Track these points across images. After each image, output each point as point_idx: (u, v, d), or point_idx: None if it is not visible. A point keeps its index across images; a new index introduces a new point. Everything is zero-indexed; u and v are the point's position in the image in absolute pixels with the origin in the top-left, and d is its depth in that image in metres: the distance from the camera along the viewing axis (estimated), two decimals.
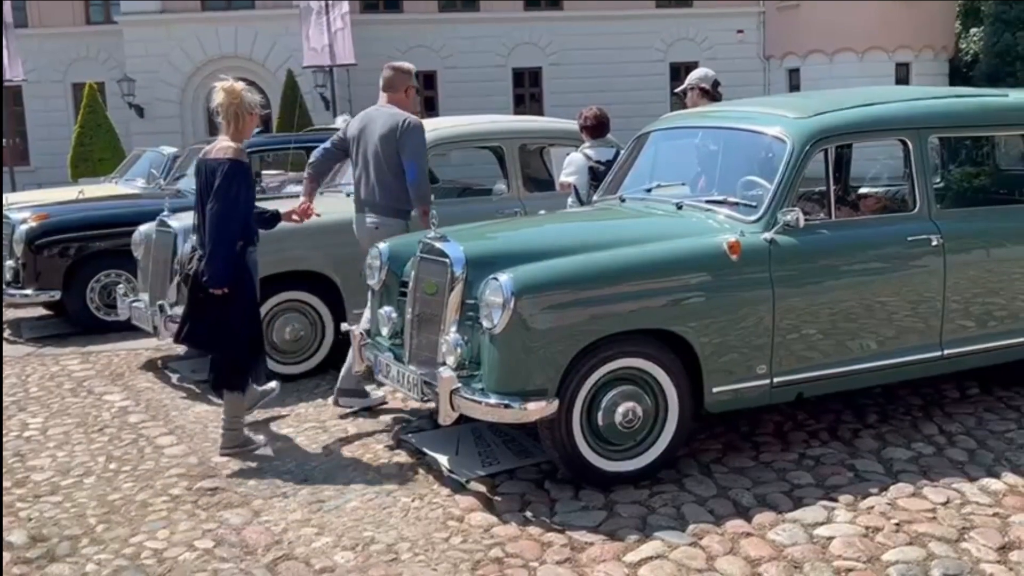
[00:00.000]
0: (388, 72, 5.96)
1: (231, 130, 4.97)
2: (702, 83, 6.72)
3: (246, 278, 4.96)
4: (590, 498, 4.22)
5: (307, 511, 4.25)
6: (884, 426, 5.03)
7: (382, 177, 5.76)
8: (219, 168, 4.85)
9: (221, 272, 4.84)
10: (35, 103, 27.35)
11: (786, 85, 28.11)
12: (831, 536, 3.78)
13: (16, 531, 4.14)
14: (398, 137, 5.67)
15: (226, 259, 4.84)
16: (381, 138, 5.72)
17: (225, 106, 4.92)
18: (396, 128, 5.68)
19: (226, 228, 4.83)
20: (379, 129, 5.75)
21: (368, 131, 5.81)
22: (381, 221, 5.76)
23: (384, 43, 27.17)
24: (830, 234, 4.75)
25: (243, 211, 4.91)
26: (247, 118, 4.97)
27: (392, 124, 5.71)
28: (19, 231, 8.42)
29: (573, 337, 4.14)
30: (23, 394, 6.45)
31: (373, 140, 5.76)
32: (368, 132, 5.81)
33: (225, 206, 4.83)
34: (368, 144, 5.79)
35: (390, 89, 5.92)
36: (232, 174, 4.84)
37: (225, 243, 4.83)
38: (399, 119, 5.72)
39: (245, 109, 4.94)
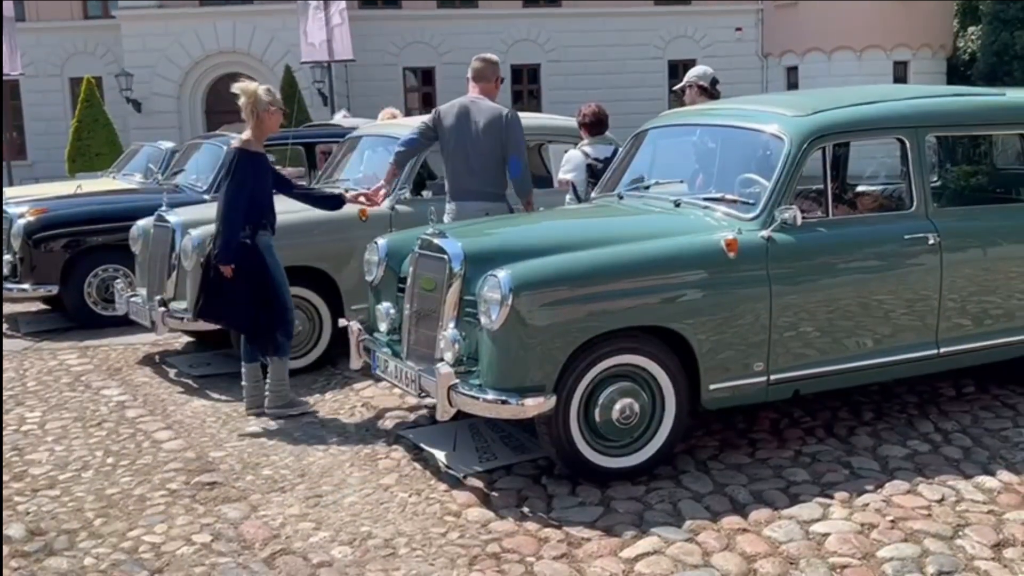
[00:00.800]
0: (478, 63, 6.21)
1: (251, 126, 5.43)
2: (700, 81, 6.73)
3: (255, 258, 5.35)
4: (587, 494, 4.23)
5: (305, 506, 4.26)
6: (880, 423, 5.05)
7: (486, 164, 5.98)
8: (230, 157, 5.39)
9: (226, 252, 5.29)
10: (32, 97, 27.34)
11: (784, 83, 28.13)
12: (827, 532, 3.80)
13: (14, 525, 4.14)
14: (502, 130, 5.94)
15: (230, 240, 5.29)
16: (485, 129, 5.95)
17: (243, 105, 5.38)
18: (500, 120, 5.96)
19: (231, 212, 5.28)
20: (481, 120, 5.99)
21: (467, 121, 6.01)
22: (491, 206, 5.96)
23: (382, 39, 27.24)
24: (827, 232, 4.76)
25: (249, 197, 5.31)
26: (264, 115, 5.40)
27: (495, 116, 5.98)
28: (17, 225, 8.41)
29: (571, 334, 4.15)
30: (21, 388, 6.45)
31: (475, 130, 5.97)
32: (467, 122, 6.00)
33: (231, 192, 5.30)
34: (469, 134, 5.99)
35: (482, 79, 6.16)
36: (239, 163, 5.32)
37: (230, 225, 5.28)
38: (501, 112, 6.01)
39: (261, 107, 5.39)
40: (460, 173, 6.05)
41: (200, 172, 9.11)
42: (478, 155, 5.98)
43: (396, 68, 28.26)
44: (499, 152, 5.97)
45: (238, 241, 5.29)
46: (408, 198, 6.90)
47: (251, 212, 5.31)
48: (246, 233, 5.31)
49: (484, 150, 5.97)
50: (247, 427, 5.42)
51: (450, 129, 6.05)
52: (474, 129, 5.98)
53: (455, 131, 6.02)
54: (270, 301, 5.42)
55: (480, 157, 5.98)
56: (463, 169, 6.02)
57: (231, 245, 5.27)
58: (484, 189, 5.95)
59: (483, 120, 5.97)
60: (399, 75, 28.44)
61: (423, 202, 6.66)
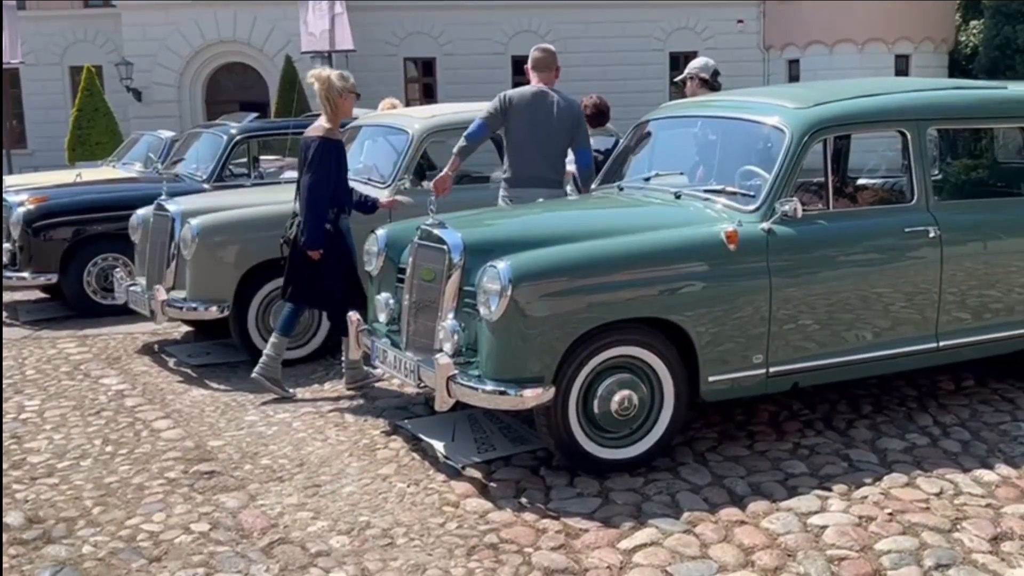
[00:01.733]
0: (539, 53, 6.30)
1: (327, 112, 5.57)
2: (701, 72, 6.72)
3: (338, 241, 5.63)
4: (585, 485, 4.23)
5: (303, 495, 4.27)
6: (879, 416, 5.05)
7: (553, 152, 6.09)
8: (312, 145, 5.52)
9: (313, 237, 5.49)
10: (32, 86, 27.27)
11: (786, 76, 28.06)
12: (825, 525, 3.80)
13: (12, 513, 4.14)
14: (575, 120, 6.11)
15: (317, 225, 5.49)
16: (558, 118, 6.06)
17: (318, 93, 5.53)
18: (574, 112, 6.15)
19: (317, 197, 5.49)
20: (553, 110, 6.08)
21: (539, 110, 6.09)
22: (552, 193, 6.04)
23: (383, 29, 27.16)
24: (828, 225, 4.75)
25: (333, 182, 5.54)
26: (339, 101, 5.56)
27: (568, 106, 6.14)
28: (16, 214, 8.41)
29: (570, 325, 4.14)
30: (20, 377, 6.45)
31: (545, 120, 6.07)
32: (540, 111, 6.08)
33: (316, 178, 5.49)
34: (542, 123, 6.08)
35: (545, 69, 6.25)
36: (323, 150, 5.50)
37: (316, 211, 5.49)
38: (574, 104, 6.19)
39: (336, 93, 5.53)
40: (531, 161, 6.11)
41: (200, 161, 9.11)
42: (551, 143, 6.10)
43: (396, 58, 28.18)
44: (567, 142, 6.12)
45: (324, 227, 5.49)
46: (408, 188, 6.88)
47: (335, 197, 5.55)
48: (330, 218, 5.54)
49: (556, 139, 6.11)
50: (246, 416, 5.42)
51: (521, 117, 6.13)
52: (547, 118, 6.09)
53: (527, 119, 6.11)
54: (353, 282, 5.64)
55: (552, 145, 6.11)
56: (535, 156, 6.10)
57: (319, 231, 5.47)
58: (550, 176, 6.01)
59: (556, 110, 6.09)
60: (399, 65, 28.36)
61: (423, 192, 6.64)
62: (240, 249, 6.41)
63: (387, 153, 7.19)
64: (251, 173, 9.13)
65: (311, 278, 5.60)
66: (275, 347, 5.75)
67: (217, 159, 8.80)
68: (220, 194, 7.68)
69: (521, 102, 6.16)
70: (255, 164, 9.36)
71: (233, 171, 9.07)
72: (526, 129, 6.09)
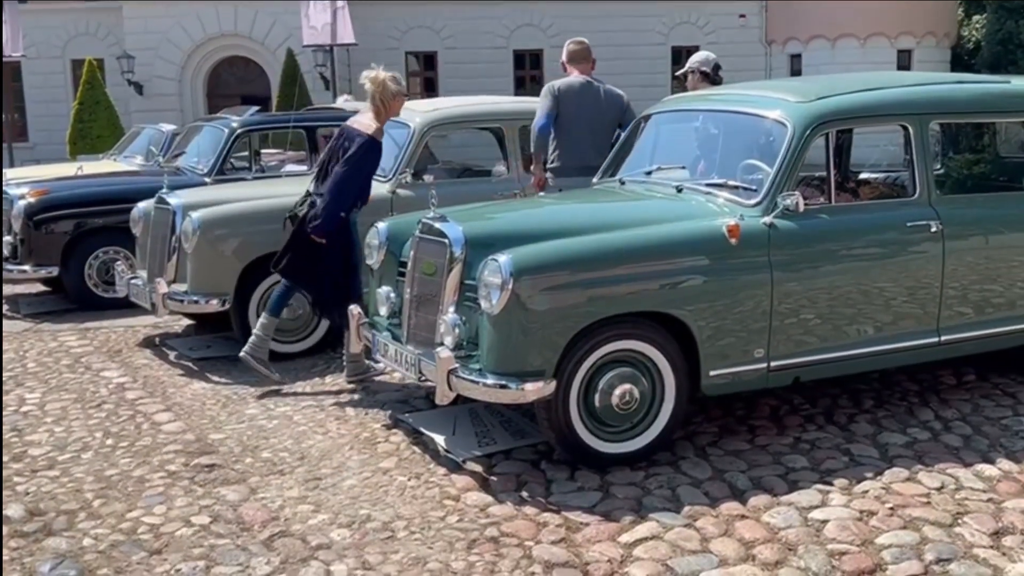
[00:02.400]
0: (575, 46, 6.51)
1: (377, 112, 5.62)
2: (703, 66, 6.71)
3: (346, 233, 5.69)
4: (586, 479, 4.23)
5: (304, 488, 4.27)
6: (880, 411, 5.04)
7: (604, 140, 6.29)
8: (357, 138, 5.57)
9: (327, 224, 5.53)
10: (34, 79, 27.23)
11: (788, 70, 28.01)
12: (825, 519, 3.80)
13: (13, 505, 4.15)
14: (622, 111, 6.40)
15: (334, 215, 5.54)
16: (607, 108, 6.34)
17: (370, 93, 5.58)
18: (621, 102, 6.46)
19: (345, 190, 5.55)
20: (603, 100, 6.40)
21: (589, 100, 6.34)
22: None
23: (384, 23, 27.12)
24: (829, 219, 4.74)
25: (364, 180, 5.64)
26: (392, 103, 5.64)
27: (616, 97, 6.46)
28: (18, 207, 8.40)
29: (571, 318, 4.14)
30: (21, 369, 6.45)
31: (597, 109, 6.33)
32: (590, 101, 6.34)
33: (352, 172, 5.54)
34: (593, 113, 6.31)
35: (582, 60, 6.50)
36: (367, 148, 5.56)
37: (341, 201, 5.55)
38: (621, 95, 6.49)
39: (389, 96, 5.60)
40: (583, 150, 6.25)
41: (201, 155, 9.09)
42: (602, 133, 6.31)
43: (398, 52, 28.11)
44: (614, 129, 6.35)
45: (340, 216, 5.56)
46: (409, 182, 6.88)
47: (360, 192, 5.65)
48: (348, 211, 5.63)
49: (606, 129, 6.32)
50: (247, 410, 5.42)
51: (572, 107, 6.32)
52: (597, 108, 6.32)
53: (579, 109, 6.31)
54: (351, 272, 5.69)
55: (603, 135, 6.31)
56: (587, 146, 6.25)
57: (335, 220, 5.53)
58: (599, 165, 6.01)
59: (605, 100, 6.35)
60: (401, 59, 28.29)
61: (424, 186, 6.64)
62: (241, 242, 6.40)
63: (388, 147, 7.16)
64: (252, 167, 9.11)
65: (308, 257, 5.66)
66: (264, 328, 5.83)
67: (218, 153, 8.78)
68: (221, 187, 7.67)
69: (570, 92, 6.35)
70: (256, 158, 9.35)
71: (234, 164, 9.06)
72: (578, 118, 6.29)
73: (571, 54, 6.51)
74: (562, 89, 6.37)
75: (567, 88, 6.37)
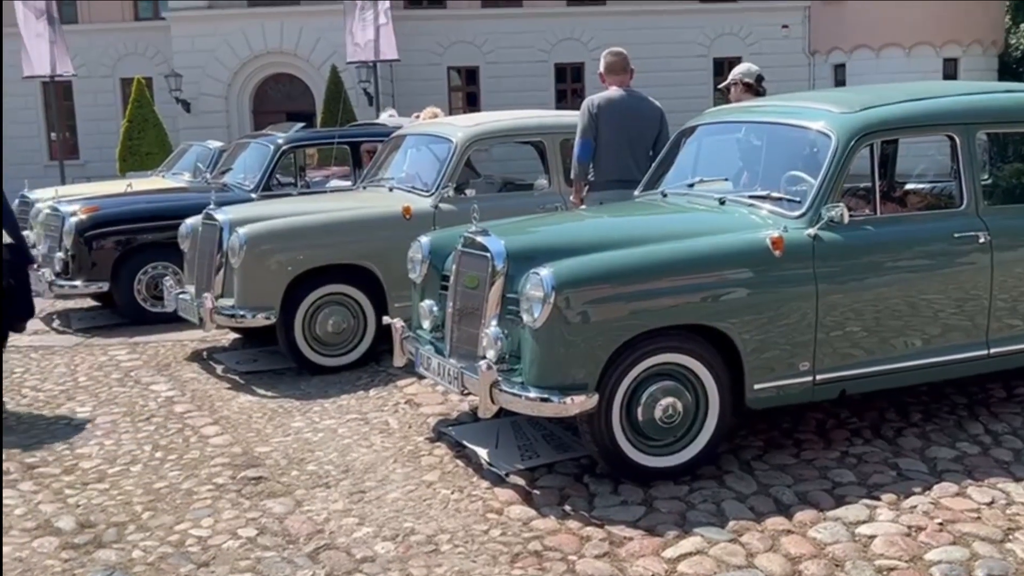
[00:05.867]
0: (612, 57, 6.50)
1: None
2: (746, 78, 6.68)
3: None
4: (629, 493, 4.22)
5: (348, 501, 4.30)
6: (928, 425, 4.97)
7: (643, 152, 6.30)
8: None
9: None
10: (85, 98, 27.83)
11: (832, 81, 27.81)
12: (873, 535, 3.75)
13: (64, 517, 4.22)
14: (659, 123, 6.42)
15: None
16: (646, 121, 6.35)
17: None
18: (658, 114, 6.46)
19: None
20: (643, 112, 6.41)
21: (627, 113, 6.34)
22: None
23: (427, 38, 27.35)
24: (875, 230, 4.69)
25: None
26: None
27: (653, 109, 6.46)
28: (69, 223, 8.56)
29: (614, 332, 4.13)
30: (72, 383, 6.57)
31: (637, 122, 6.33)
32: (628, 114, 6.34)
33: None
34: (632, 125, 6.32)
35: (620, 72, 6.48)
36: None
37: None
38: (659, 108, 6.49)
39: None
40: (623, 163, 6.26)
41: (247, 171, 9.21)
42: (640, 145, 6.32)
43: (440, 67, 28.35)
44: (651, 143, 6.33)
45: None
46: (451, 196, 6.92)
47: None
48: None
49: (644, 141, 6.33)
50: (292, 423, 5.48)
51: (611, 121, 6.31)
52: (636, 120, 6.33)
53: (618, 123, 6.30)
54: None
55: (641, 147, 6.32)
56: (627, 159, 6.27)
57: None
58: (638, 178, 6.02)
59: (642, 112, 6.37)
60: (443, 74, 28.53)
61: (466, 200, 6.68)
62: (287, 257, 6.47)
63: (430, 161, 7.24)
64: (297, 182, 9.22)
65: None
66: None
67: (264, 169, 8.89)
68: (267, 203, 7.76)
69: (609, 106, 6.34)
70: (301, 173, 9.46)
71: (280, 180, 9.17)
72: (618, 132, 6.27)
73: (608, 65, 6.49)
74: (601, 105, 6.35)
75: (605, 103, 6.35)
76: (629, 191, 5.84)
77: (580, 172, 6.38)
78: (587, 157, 6.33)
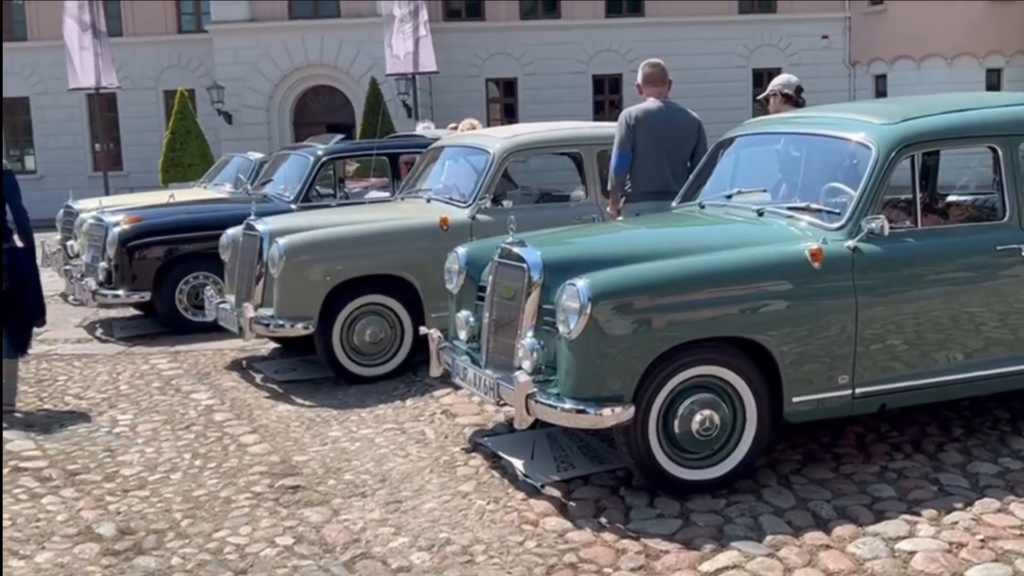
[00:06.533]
0: (650, 68, 6.52)
1: None
2: (785, 89, 6.64)
3: None
4: (665, 506, 4.20)
5: (385, 511, 4.31)
6: (970, 439, 4.90)
7: (680, 165, 6.30)
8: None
9: None
10: (128, 110, 28.28)
11: (872, 92, 27.56)
12: (913, 551, 3.70)
13: (105, 524, 4.28)
14: (697, 134, 6.42)
15: None
16: (683, 132, 6.36)
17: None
18: (695, 125, 6.46)
19: None
20: (681, 124, 6.42)
21: (666, 124, 6.35)
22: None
23: (465, 50, 27.49)
24: (916, 242, 4.65)
25: None
26: None
27: (691, 120, 6.46)
28: (112, 233, 8.69)
29: (650, 343, 4.12)
30: (114, 391, 6.66)
31: (674, 133, 6.35)
32: (666, 125, 6.35)
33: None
34: (669, 137, 6.33)
35: (658, 83, 6.50)
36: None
37: None
38: (696, 119, 6.49)
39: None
40: (660, 175, 6.26)
41: (288, 182, 9.30)
42: (678, 157, 6.32)
43: (479, 79, 28.47)
44: (688, 154, 6.34)
45: None
46: (488, 207, 6.94)
47: None
48: None
49: (681, 152, 6.34)
50: (330, 432, 5.51)
51: (648, 132, 6.32)
52: (673, 132, 6.34)
53: (655, 134, 6.31)
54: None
55: (678, 158, 6.32)
56: (664, 170, 6.27)
57: None
58: (675, 189, 6.02)
59: (680, 123, 6.38)
60: (481, 86, 28.65)
61: (503, 211, 6.70)
62: (326, 268, 6.52)
63: (468, 173, 7.27)
64: (336, 193, 9.30)
65: None
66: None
67: (304, 180, 8.97)
68: (307, 214, 7.83)
69: (646, 117, 6.34)
70: (341, 185, 9.53)
71: (319, 191, 9.25)
72: (655, 143, 6.27)
73: (646, 76, 6.49)
74: (639, 117, 6.34)
75: (643, 115, 6.35)
76: (666, 203, 5.82)
77: (617, 183, 6.38)
78: (624, 169, 6.33)
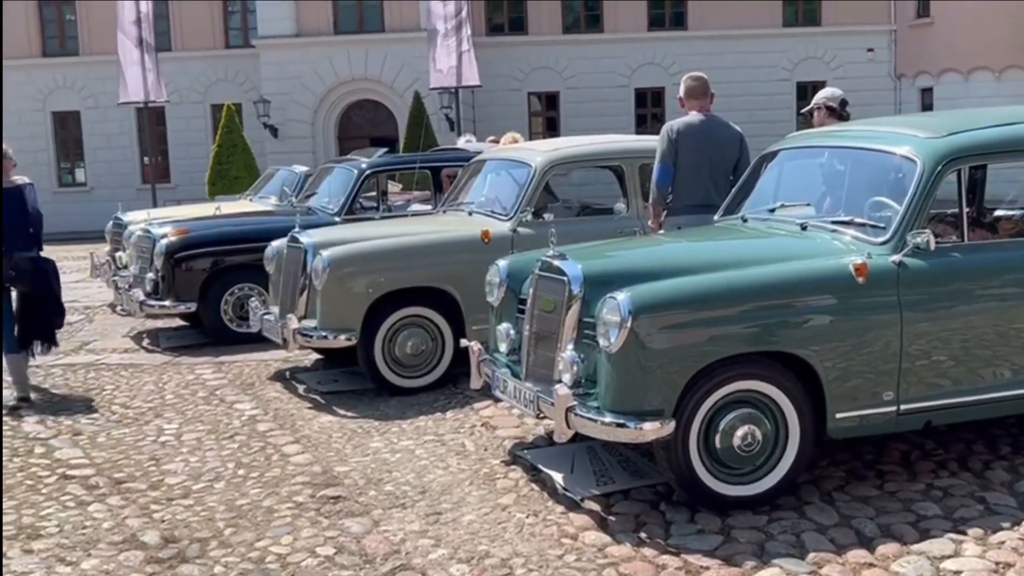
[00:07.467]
0: (692, 82, 6.51)
1: None
2: (829, 102, 6.59)
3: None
4: (706, 521, 4.17)
5: (425, 522, 4.33)
6: (1018, 457, 4.81)
7: (722, 179, 6.28)
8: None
9: None
10: (177, 123, 28.68)
11: (918, 105, 27.20)
12: (959, 570, 3.64)
13: (149, 532, 4.34)
14: (739, 148, 6.40)
15: None
16: (726, 146, 6.35)
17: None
18: (738, 139, 6.44)
19: None
20: (723, 137, 6.39)
21: (708, 138, 6.34)
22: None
23: (508, 64, 27.57)
24: (962, 257, 4.58)
25: None
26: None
27: (734, 134, 6.44)
28: (159, 245, 8.83)
29: (691, 357, 4.10)
30: (159, 401, 6.75)
31: (718, 147, 6.35)
32: (709, 138, 6.34)
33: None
34: (712, 150, 6.32)
35: (700, 96, 6.49)
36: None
37: None
38: (739, 132, 6.47)
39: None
40: (702, 188, 6.26)
41: (332, 195, 9.39)
42: (720, 170, 6.31)
43: (521, 93, 28.53)
44: (731, 168, 6.32)
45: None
46: (529, 220, 6.96)
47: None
48: None
49: (724, 165, 6.33)
50: (371, 443, 5.54)
51: (690, 146, 6.32)
52: (715, 145, 6.33)
53: (697, 147, 6.30)
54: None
55: (721, 172, 6.31)
56: (706, 184, 6.26)
57: None
58: (717, 203, 5.99)
59: (723, 137, 6.37)
60: (524, 100, 28.70)
61: (544, 224, 6.71)
62: (368, 280, 6.58)
63: (509, 186, 7.29)
64: (380, 206, 9.37)
65: None
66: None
67: (348, 193, 9.05)
68: (350, 227, 7.90)
69: (688, 130, 6.33)
70: (384, 197, 9.60)
71: (363, 204, 9.32)
72: (698, 157, 6.26)
73: (689, 90, 6.47)
74: (681, 131, 6.32)
75: (685, 128, 6.33)
76: (708, 216, 5.80)
77: (659, 197, 6.36)
78: (666, 182, 6.31)
